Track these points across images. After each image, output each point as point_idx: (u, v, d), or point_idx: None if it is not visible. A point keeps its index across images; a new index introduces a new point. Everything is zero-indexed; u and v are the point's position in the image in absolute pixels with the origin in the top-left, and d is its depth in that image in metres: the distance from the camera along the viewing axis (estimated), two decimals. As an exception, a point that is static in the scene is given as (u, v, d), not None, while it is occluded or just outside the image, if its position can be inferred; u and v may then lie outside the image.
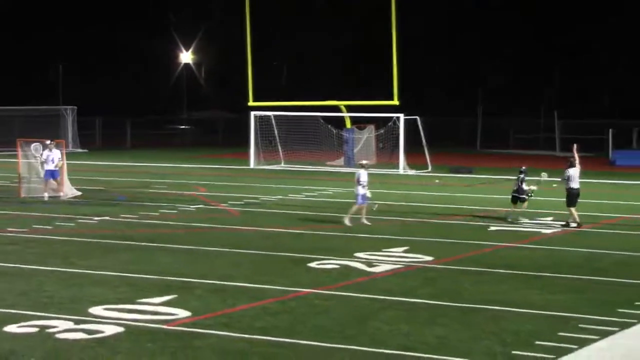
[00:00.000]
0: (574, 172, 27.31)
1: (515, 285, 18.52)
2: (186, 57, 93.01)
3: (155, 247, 22.73)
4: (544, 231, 26.46)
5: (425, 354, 13.36)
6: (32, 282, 18.23)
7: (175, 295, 16.83)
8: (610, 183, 42.77)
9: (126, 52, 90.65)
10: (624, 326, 14.97)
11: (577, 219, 27.03)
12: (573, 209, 27.13)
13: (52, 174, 33.73)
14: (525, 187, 28.02)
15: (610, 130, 62.67)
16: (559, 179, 28.17)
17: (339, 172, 48.76)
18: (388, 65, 48.81)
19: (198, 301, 16.52)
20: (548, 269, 20.21)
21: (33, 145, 35.07)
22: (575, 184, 27.22)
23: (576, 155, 27.48)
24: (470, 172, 47.66)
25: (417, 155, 49.89)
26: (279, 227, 26.68)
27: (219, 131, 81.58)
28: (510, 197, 28.43)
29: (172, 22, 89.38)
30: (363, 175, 27.00)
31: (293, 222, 27.79)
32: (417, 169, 48.34)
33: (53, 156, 33.79)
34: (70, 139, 64.11)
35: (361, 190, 26.97)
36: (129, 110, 78.39)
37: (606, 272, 19.98)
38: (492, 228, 26.88)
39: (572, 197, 27.21)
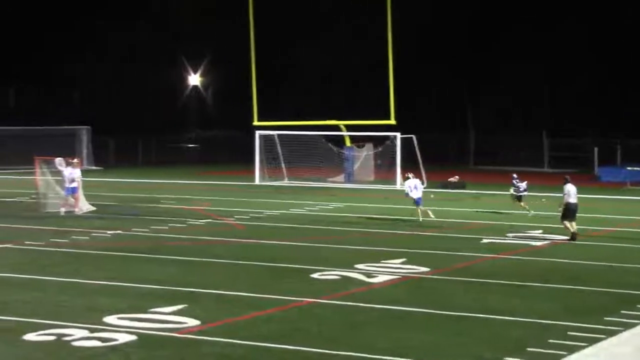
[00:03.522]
0: (572, 187, 27.25)
1: (506, 294, 18.51)
2: (194, 79, 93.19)
3: (165, 259, 22.74)
4: (533, 243, 26.46)
5: (417, 359, 13.36)
6: (49, 292, 18.25)
7: (185, 305, 16.84)
8: (597, 198, 42.72)
9: (140, 77, 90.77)
10: (610, 333, 14.96)
11: (570, 232, 26.94)
12: (567, 223, 27.00)
13: (72, 191, 33.80)
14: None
15: (596, 148, 62.68)
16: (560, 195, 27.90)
17: (340, 187, 48.83)
18: (385, 85, 48.96)
19: (206, 310, 16.52)
20: (537, 278, 20.20)
21: (57, 159, 35.02)
22: (572, 199, 27.14)
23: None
24: (463, 187, 47.67)
25: (413, 171, 49.75)
26: (282, 239, 26.69)
27: (225, 149, 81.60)
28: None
29: (181, 47, 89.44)
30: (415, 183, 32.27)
31: (296, 235, 27.80)
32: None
33: (74, 174, 33.89)
34: (85, 157, 64.18)
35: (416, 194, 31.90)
36: (141, 130, 78.48)
37: (593, 281, 19.97)
38: (485, 240, 26.87)
39: (568, 211, 27.10)
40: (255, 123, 53.23)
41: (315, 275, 20.38)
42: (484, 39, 77.40)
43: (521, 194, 34.30)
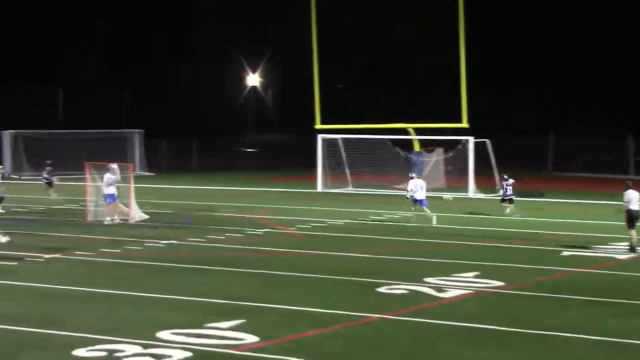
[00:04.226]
0: (634, 194, 26.80)
1: (589, 311, 18.26)
2: (253, 79, 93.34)
3: (222, 271, 22.81)
4: (618, 256, 26.05)
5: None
6: (100, 305, 18.39)
7: (243, 320, 16.84)
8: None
9: (195, 76, 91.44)
10: (703, 355, 14.67)
11: (634, 242, 26.59)
12: (633, 231, 26.67)
13: (109, 198, 33.75)
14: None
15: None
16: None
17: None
18: (457, 87, 48.66)
19: (265, 326, 16.51)
20: (625, 294, 19.87)
21: (112, 166, 34.62)
22: (634, 206, 26.67)
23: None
24: (541, 196, 47.13)
25: (487, 177, 49.45)
26: (346, 251, 26.63)
27: (284, 154, 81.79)
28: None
29: (239, 45, 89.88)
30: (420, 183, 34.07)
31: (361, 246, 27.71)
32: (486, 192, 47.94)
33: (109, 180, 33.78)
34: (137, 162, 64.75)
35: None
36: (195, 133, 79.02)
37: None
38: (565, 253, 26.52)
39: (630, 218, 26.70)
40: (318, 126, 53.20)
41: (381, 289, 20.29)
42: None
43: (508, 196, 37.00)
